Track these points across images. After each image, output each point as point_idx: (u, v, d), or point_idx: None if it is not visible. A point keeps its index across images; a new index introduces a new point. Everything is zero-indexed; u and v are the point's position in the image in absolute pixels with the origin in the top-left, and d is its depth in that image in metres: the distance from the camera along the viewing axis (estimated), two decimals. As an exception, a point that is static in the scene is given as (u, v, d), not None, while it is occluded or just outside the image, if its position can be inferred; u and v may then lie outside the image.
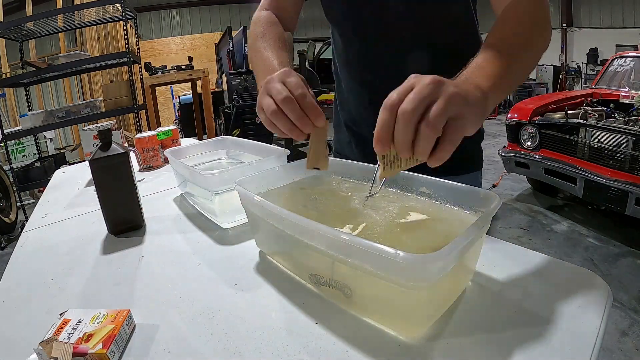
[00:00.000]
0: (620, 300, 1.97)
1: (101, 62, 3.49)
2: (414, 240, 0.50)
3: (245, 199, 0.59)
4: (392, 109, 0.40)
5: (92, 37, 5.41)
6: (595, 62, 8.54)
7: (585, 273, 0.51)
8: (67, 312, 0.49)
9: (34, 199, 4.07)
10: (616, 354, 1.63)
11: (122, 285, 0.59)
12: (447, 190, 0.56)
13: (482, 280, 0.52)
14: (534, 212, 3.15)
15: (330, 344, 0.43)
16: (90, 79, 5.73)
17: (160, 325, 0.49)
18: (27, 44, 4.05)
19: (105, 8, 3.34)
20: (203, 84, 4.60)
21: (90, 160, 0.72)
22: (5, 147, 4.04)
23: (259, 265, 0.61)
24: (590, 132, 2.64)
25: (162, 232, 0.77)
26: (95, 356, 0.42)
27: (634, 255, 2.39)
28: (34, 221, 0.91)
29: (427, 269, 0.38)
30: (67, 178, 1.31)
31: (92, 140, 1.26)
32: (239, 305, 0.51)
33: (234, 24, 7.41)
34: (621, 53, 3.77)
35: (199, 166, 1.00)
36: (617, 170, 2.49)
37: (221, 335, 0.46)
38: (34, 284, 0.62)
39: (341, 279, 0.49)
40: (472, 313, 0.46)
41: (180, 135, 1.50)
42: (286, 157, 0.81)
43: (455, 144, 0.41)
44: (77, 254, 0.71)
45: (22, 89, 3.84)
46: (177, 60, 6.76)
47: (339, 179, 0.71)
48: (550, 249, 2.56)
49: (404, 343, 0.42)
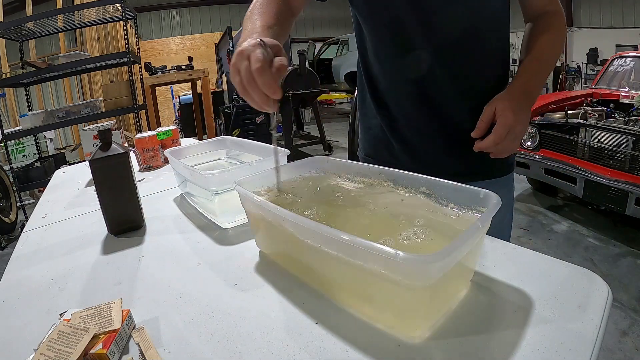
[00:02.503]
0: (620, 300, 1.97)
1: (101, 62, 3.49)
2: (414, 240, 0.50)
3: (245, 199, 0.59)
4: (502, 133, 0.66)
5: (92, 37, 5.41)
6: (595, 62, 8.54)
7: (585, 273, 0.51)
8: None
9: (34, 199, 4.07)
10: (616, 354, 1.63)
11: (122, 285, 0.59)
12: (447, 190, 0.56)
13: (482, 280, 0.52)
14: (534, 212, 3.15)
15: (330, 344, 0.43)
16: (90, 79, 5.73)
17: (160, 326, 0.49)
18: (27, 44, 4.04)
19: (105, 8, 3.34)
20: (203, 84, 4.61)
21: (90, 160, 0.72)
22: (5, 147, 4.05)
23: (259, 265, 0.61)
24: (590, 132, 2.64)
25: (162, 232, 0.77)
26: (95, 356, 0.42)
27: (634, 255, 2.39)
28: (34, 221, 0.91)
29: (427, 269, 0.38)
30: (67, 178, 1.31)
31: (92, 140, 1.26)
32: (239, 305, 0.51)
33: (234, 24, 7.41)
34: (621, 53, 3.76)
35: (199, 166, 1.00)
36: (617, 170, 2.48)
37: (221, 335, 0.46)
38: (34, 284, 0.62)
39: (341, 278, 0.49)
40: (472, 313, 0.46)
41: (180, 135, 1.50)
42: (286, 157, 0.81)
43: None
44: (77, 254, 0.71)
45: (22, 89, 3.84)
46: (177, 60, 6.78)
47: (339, 178, 0.71)
48: (550, 249, 2.56)
49: (404, 343, 0.42)
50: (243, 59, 0.54)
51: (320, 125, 5.30)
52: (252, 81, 0.53)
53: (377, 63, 0.82)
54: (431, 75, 0.75)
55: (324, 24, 11.54)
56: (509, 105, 0.66)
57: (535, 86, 0.72)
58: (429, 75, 0.75)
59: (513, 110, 0.65)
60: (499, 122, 0.66)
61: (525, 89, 0.69)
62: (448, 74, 0.74)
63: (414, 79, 0.76)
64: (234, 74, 0.56)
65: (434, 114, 0.78)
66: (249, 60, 0.53)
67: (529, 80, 0.71)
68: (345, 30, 9.60)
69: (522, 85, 0.70)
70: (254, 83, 0.53)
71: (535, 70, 0.72)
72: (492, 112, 0.67)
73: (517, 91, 0.69)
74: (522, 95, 0.69)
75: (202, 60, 7.80)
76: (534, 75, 0.71)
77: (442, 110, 0.77)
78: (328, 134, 5.53)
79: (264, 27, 0.65)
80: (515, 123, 0.65)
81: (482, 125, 0.68)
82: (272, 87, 0.52)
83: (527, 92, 0.69)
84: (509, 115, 0.65)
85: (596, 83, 3.70)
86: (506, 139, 0.66)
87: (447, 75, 0.74)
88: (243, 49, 0.55)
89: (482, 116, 0.68)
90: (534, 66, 0.72)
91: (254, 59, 0.52)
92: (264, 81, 0.52)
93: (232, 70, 0.56)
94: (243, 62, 0.54)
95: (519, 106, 0.67)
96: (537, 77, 0.72)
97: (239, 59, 0.55)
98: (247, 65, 0.53)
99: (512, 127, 0.65)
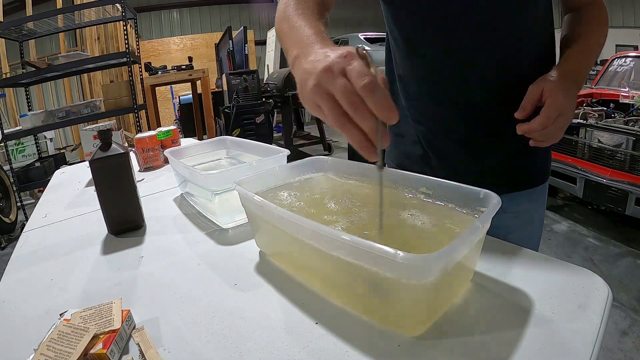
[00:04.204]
0: (620, 300, 1.97)
1: (101, 62, 3.49)
2: (414, 240, 0.50)
3: (245, 199, 0.59)
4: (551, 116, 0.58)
5: (92, 37, 5.41)
6: (595, 62, 8.53)
7: (585, 273, 0.51)
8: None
9: (34, 199, 4.07)
10: (616, 354, 1.63)
11: (122, 285, 0.59)
12: (447, 190, 0.56)
13: (482, 280, 0.52)
14: (534, 212, 3.15)
15: (330, 344, 0.43)
16: (90, 79, 5.73)
17: (160, 326, 0.49)
18: (27, 44, 4.04)
19: (105, 8, 3.34)
20: (203, 84, 4.60)
21: (90, 160, 0.72)
22: (5, 147, 4.04)
23: (259, 265, 0.61)
24: (590, 132, 2.64)
25: (162, 232, 0.77)
26: (95, 356, 0.42)
27: (634, 255, 2.39)
28: (34, 221, 0.91)
29: (427, 269, 0.38)
30: (67, 178, 1.31)
31: (92, 140, 1.26)
32: (239, 305, 0.51)
33: (234, 24, 7.42)
34: (621, 53, 3.77)
35: (199, 166, 1.00)
36: (617, 170, 2.49)
37: (221, 335, 0.46)
38: (34, 284, 0.62)
39: (341, 278, 0.49)
40: (472, 313, 0.46)
41: (180, 135, 1.50)
42: (286, 157, 0.81)
43: None
44: (77, 254, 0.71)
45: (22, 89, 3.84)
46: (177, 60, 6.77)
47: (340, 177, 0.71)
48: (550, 249, 2.56)
49: (404, 343, 0.42)
50: (335, 77, 0.39)
51: (320, 125, 5.30)
52: (361, 104, 0.38)
53: (412, 67, 0.73)
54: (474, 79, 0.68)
55: (324, 24, 11.50)
56: (559, 86, 0.59)
57: (582, 73, 0.64)
58: (472, 79, 0.69)
59: (564, 92, 0.58)
60: (549, 103, 0.58)
61: (573, 74, 0.62)
62: (491, 75, 0.68)
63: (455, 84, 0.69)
64: (322, 100, 0.40)
65: (475, 122, 0.71)
66: (347, 77, 0.39)
67: (576, 66, 0.64)
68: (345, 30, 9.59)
69: (569, 69, 0.63)
70: (362, 108, 0.38)
71: (581, 57, 0.65)
72: (539, 93, 0.60)
73: (566, 74, 0.62)
74: (570, 80, 0.61)
75: (202, 60, 7.80)
76: (580, 61, 0.65)
77: (483, 117, 0.71)
78: (328, 134, 5.53)
79: (318, 32, 0.50)
80: (565, 106, 0.58)
81: (527, 105, 0.61)
82: (391, 107, 0.38)
83: (574, 77, 0.62)
84: (560, 96, 0.58)
85: (596, 83, 3.70)
86: (555, 123, 0.58)
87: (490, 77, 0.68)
88: (331, 63, 0.40)
89: (527, 95, 0.61)
90: (583, 54, 0.66)
91: (356, 74, 0.38)
92: (377, 101, 0.37)
93: (318, 96, 0.40)
94: (337, 82, 0.39)
95: (569, 89, 0.60)
96: (583, 64, 0.65)
97: (326, 78, 0.39)
98: (345, 84, 0.38)
99: (562, 110, 0.58)
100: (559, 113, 0.58)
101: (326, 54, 0.42)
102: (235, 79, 4.12)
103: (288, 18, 0.57)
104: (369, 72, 0.38)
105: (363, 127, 0.39)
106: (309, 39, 0.49)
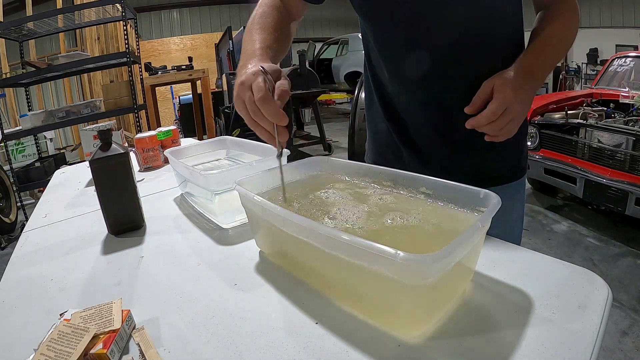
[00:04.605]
0: (620, 300, 1.97)
1: (101, 62, 3.49)
2: (414, 240, 0.50)
3: (245, 199, 0.59)
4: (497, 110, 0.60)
5: (92, 37, 5.41)
6: (595, 62, 8.54)
7: (585, 273, 0.51)
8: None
9: (34, 199, 4.07)
10: (616, 354, 1.63)
11: (122, 285, 0.59)
12: (447, 190, 0.56)
13: (482, 280, 0.52)
14: (534, 212, 3.15)
15: (330, 344, 0.43)
16: (90, 79, 5.73)
17: (160, 326, 0.49)
18: (27, 44, 4.04)
19: (105, 8, 3.34)
20: (203, 84, 4.61)
21: (90, 160, 0.72)
22: (5, 147, 4.05)
23: (259, 265, 0.61)
24: (590, 132, 2.64)
25: (162, 232, 0.77)
26: (96, 356, 0.42)
27: (634, 255, 2.39)
28: (34, 221, 0.91)
29: (427, 269, 0.38)
30: (67, 178, 1.31)
31: (92, 140, 1.26)
32: (239, 305, 0.51)
33: (234, 24, 7.41)
34: (621, 53, 3.77)
35: (199, 166, 1.00)
36: (617, 170, 2.49)
37: (221, 335, 0.46)
38: (34, 284, 0.62)
39: (341, 278, 0.49)
40: (472, 313, 0.46)
41: (180, 135, 1.50)
42: (286, 157, 0.81)
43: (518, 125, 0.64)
44: (77, 254, 0.71)
45: (22, 89, 3.84)
46: (177, 60, 6.78)
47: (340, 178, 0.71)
48: (550, 249, 2.56)
49: (404, 343, 0.42)
50: (245, 89, 0.55)
51: (320, 125, 5.30)
52: (258, 112, 0.53)
53: (384, 66, 0.78)
54: (440, 77, 0.72)
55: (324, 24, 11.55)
56: (508, 82, 0.61)
57: (541, 68, 0.66)
58: (437, 77, 0.72)
59: (513, 88, 0.61)
60: (495, 98, 0.61)
61: (529, 69, 0.64)
62: (458, 74, 0.71)
63: (422, 81, 0.73)
64: (240, 107, 0.56)
65: (444, 119, 0.74)
66: (251, 90, 0.54)
67: (535, 61, 0.66)
68: (345, 30, 9.60)
69: (527, 65, 0.65)
70: (260, 114, 0.53)
71: (542, 52, 0.67)
72: (490, 89, 0.62)
73: (520, 70, 0.64)
74: (525, 75, 0.63)
75: (202, 60, 7.80)
76: (539, 56, 0.67)
77: (452, 115, 0.73)
78: (328, 134, 5.53)
79: (263, 49, 0.64)
80: (513, 101, 0.60)
81: (477, 100, 0.64)
82: (278, 115, 0.53)
83: (531, 73, 0.64)
84: (507, 92, 0.60)
85: (596, 83, 3.70)
86: (502, 118, 0.61)
87: (457, 76, 0.71)
88: (244, 79, 0.55)
89: (479, 92, 0.64)
90: (541, 48, 0.67)
91: (256, 89, 0.53)
92: (268, 110, 0.52)
93: (238, 103, 0.56)
94: (246, 94, 0.54)
95: (520, 84, 0.62)
96: (543, 60, 0.66)
97: (241, 90, 0.55)
98: (250, 97, 0.54)
99: (509, 105, 0.60)
100: (506, 108, 0.60)
101: (247, 71, 0.56)
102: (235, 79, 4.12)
103: (250, 30, 0.70)
104: (265, 88, 0.53)
105: (264, 127, 0.55)
106: (253, 53, 0.63)
